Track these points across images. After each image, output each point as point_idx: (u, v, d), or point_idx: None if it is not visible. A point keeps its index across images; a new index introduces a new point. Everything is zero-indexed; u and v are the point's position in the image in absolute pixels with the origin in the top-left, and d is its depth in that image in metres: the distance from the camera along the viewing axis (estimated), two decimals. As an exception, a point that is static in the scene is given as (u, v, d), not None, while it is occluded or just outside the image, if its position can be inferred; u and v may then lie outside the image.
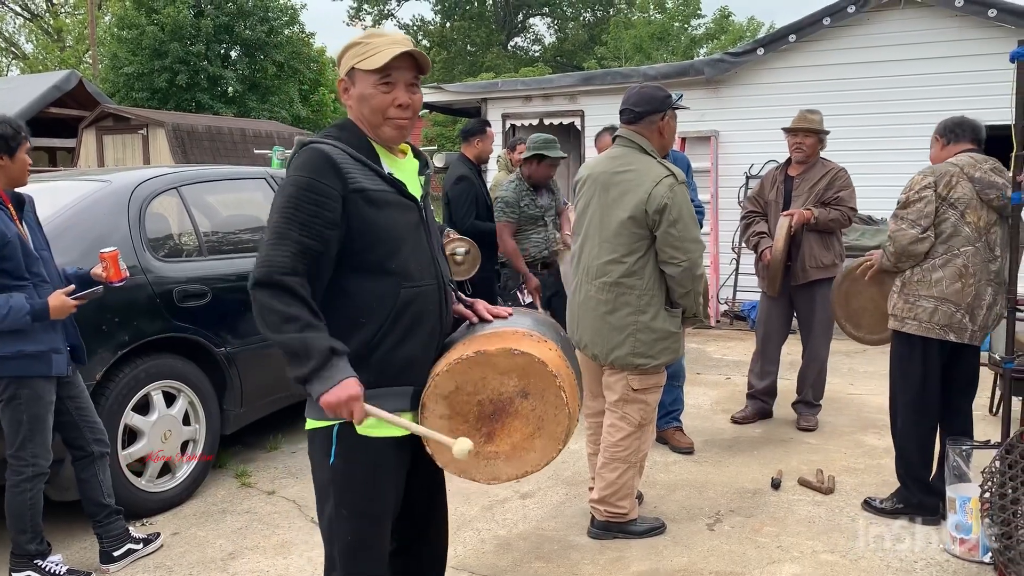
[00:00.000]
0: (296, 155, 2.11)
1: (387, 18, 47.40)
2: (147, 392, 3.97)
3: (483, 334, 2.17)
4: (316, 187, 2.02)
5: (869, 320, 4.09)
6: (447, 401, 2.06)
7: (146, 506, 3.97)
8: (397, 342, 2.10)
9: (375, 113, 2.13)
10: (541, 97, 10.30)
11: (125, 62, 22.65)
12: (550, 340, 2.18)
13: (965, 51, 8.25)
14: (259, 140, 16.90)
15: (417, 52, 2.12)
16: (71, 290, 3.24)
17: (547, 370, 2.04)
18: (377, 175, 2.12)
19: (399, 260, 2.11)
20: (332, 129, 2.19)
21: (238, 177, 5.05)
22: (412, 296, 2.12)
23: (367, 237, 2.08)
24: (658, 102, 3.47)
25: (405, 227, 2.14)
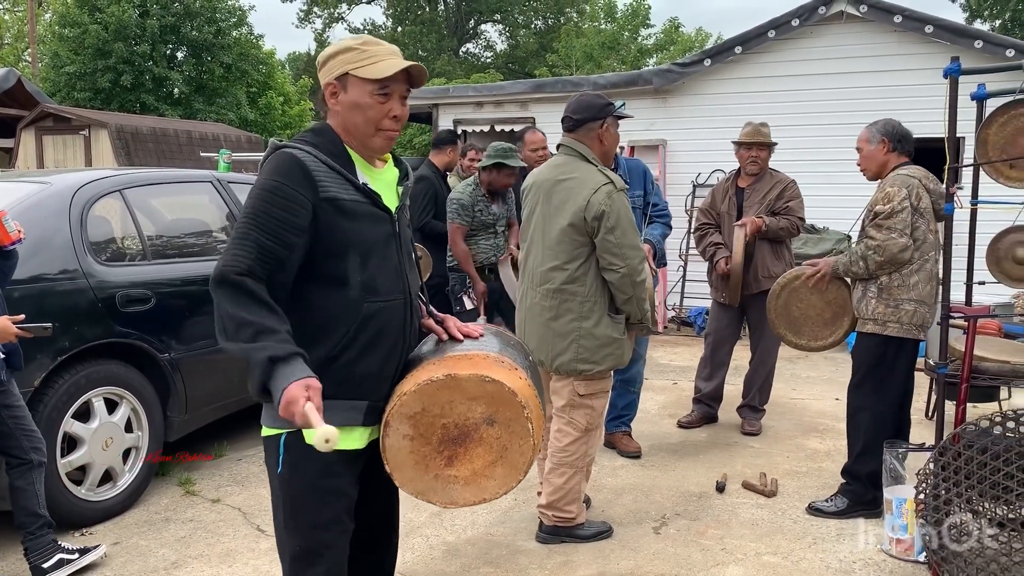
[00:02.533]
0: (268, 159, 2.07)
1: (337, 21, 47.07)
2: (88, 399, 3.88)
3: (453, 355, 2.14)
4: (285, 192, 1.98)
5: (811, 328, 4.16)
6: (411, 421, 2.02)
7: (86, 516, 3.88)
8: (356, 356, 2.06)
9: (368, 123, 2.09)
10: (492, 104, 10.34)
11: (67, 61, 22.10)
12: (520, 367, 2.16)
13: (904, 65, 8.51)
14: (206, 142, 16.65)
15: (415, 67, 2.09)
16: (20, 319, 3.16)
17: (516, 400, 2.02)
18: (351, 184, 2.07)
19: (365, 273, 2.07)
20: (308, 134, 2.14)
21: (184, 180, 4.98)
22: (375, 311, 2.09)
23: (333, 247, 2.04)
24: (596, 109, 3.51)
25: (375, 240, 2.09)
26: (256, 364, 1.86)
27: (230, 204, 4.99)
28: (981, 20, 31.98)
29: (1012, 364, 3.73)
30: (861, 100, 8.57)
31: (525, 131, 5.78)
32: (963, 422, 3.25)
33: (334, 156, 2.07)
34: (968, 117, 3.65)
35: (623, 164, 4.89)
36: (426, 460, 2.03)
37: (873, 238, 3.72)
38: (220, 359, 4.57)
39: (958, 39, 8.19)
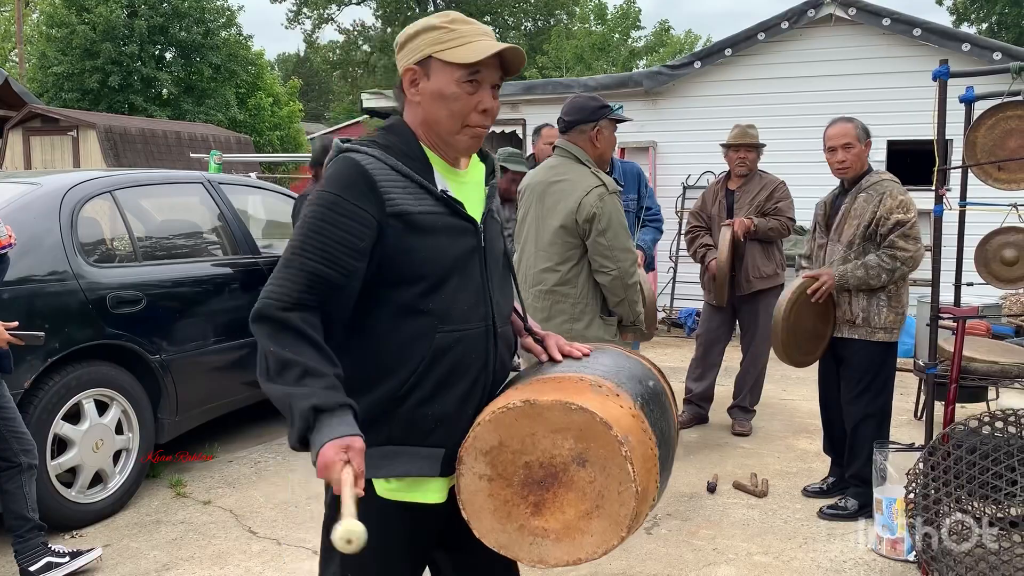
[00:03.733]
0: (329, 163, 1.78)
1: (327, 22, 46.97)
2: (78, 401, 3.87)
3: (542, 378, 1.81)
4: (344, 208, 1.68)
5: (811, 343, 4.03)
6: (488, 458, 1.69)
7: (76, 518, 3.86)
8: (428, 396, 1.75)
9: (454, 117, 1.77)
10: (482, 105, 10.34)
11: (54, 61, 22.01)
12: (625, 393, 1.76)
13: (892, 68, 8.56)
14: (195, 143, 16.62)
15: (511, 50, 1.77)
16: (14, 326, 3.16)
17: (611, 435, 1.62)
18: (427, 193, 1.76)
19: (439, 298, 1.74)
20: (379, 133, 1.82)
21: (175, 181, 4.97)
22: (451, 342, 1.76)
23: (402, 270, 1.73)
24: (589, 112, 3.51)
25: (454, 257, 1.77)
26: (298, 413, 1.59)
27: (221, 205, 4.98)
28: (968, 23, 32.22)
29: (1001, 364, 3.76)
30: (850, 102, 8.59)
31: (543, 126, 5.75)
32: (952, 422, 3.27)
33: (408, 159, 1.77)
34: (956, 119, 3.68)
35: (618, 167, 4.91)
36: (508, 506, 1.70)
37: (905, 249, 3.72)
38: (211, 360, 4.57)
39: (946, 42, 8.25)
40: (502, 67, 1.80)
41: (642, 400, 1.79)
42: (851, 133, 3.87)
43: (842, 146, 3.87)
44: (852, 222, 3.87)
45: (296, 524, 3.93)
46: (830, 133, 3.93)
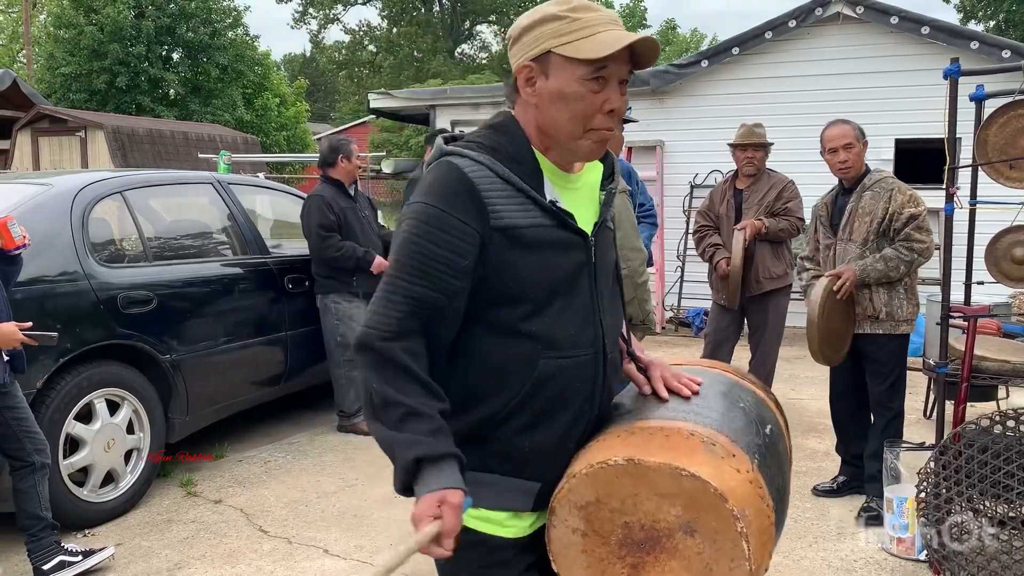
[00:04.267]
0: (430, 167, 1.60)
1: (333, 22, 47.11)
2: (90, 400, 3.89)
3: (646, 425, 1.60)
4: (446, 223, 1.50)
5: (840, 341, 3.97)
6: (583, 513, 1.55)
7: (88, 517, 3.88)
8: (526, 426, 1.58)
9: (575, 120, 1.55)
10: (490, 104, 10.34)
11: (62, 62, 22.11)
12: (741, 452, 1.56)
13: (900, 66, 8.53)
14: (202, 144, 16.66)
15: (644, 42, 1.51)
16: (28, 326, 3.18)
17: (726, 508, 1.46)
18: (534, 204, 1.56)
19: (542, 321, 1.56)
20: (486, 132, 1.61)
21: (185, 182, 4.99)
22: (555, 370, 1.57)
23: (503, 288, 1.55)
24: None
25: (562, 276, 1.58)
26: (400, 464, 1.47)
27: (231, 205, 5.00)
28: (975, 21, 32.12)
29: (1012, 363, 3.75)
30: (857, 101, 8.59)
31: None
32: (963, 421, 3.26)
33: (516, 164, 1.57)
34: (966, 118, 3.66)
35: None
36: (602, 564, 1.56)
37: (921, 241, 3.78)
38: (221, 360, 4.59)
39: (954, 40, 8.22)
40: (631, 59, 1.55)
41: (759, 458, 1.58)
42: (851, 134, 3.92)
43: (843, 146, 3.91)
44: (863, 220, 3.88)
45: (307, 523, 3.94)
46: (830, 135, 3.96)
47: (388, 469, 4.39)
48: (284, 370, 5.07)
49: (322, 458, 4.85)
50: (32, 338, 3.20)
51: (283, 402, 5.49)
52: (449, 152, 1.57)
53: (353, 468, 4.68)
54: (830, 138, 3.95)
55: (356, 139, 6.35)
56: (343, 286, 5.14)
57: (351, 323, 5.15)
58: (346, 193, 5.29)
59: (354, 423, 5.28)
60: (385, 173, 11.69)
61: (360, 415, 5.28)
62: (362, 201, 5.47)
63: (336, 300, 5.15)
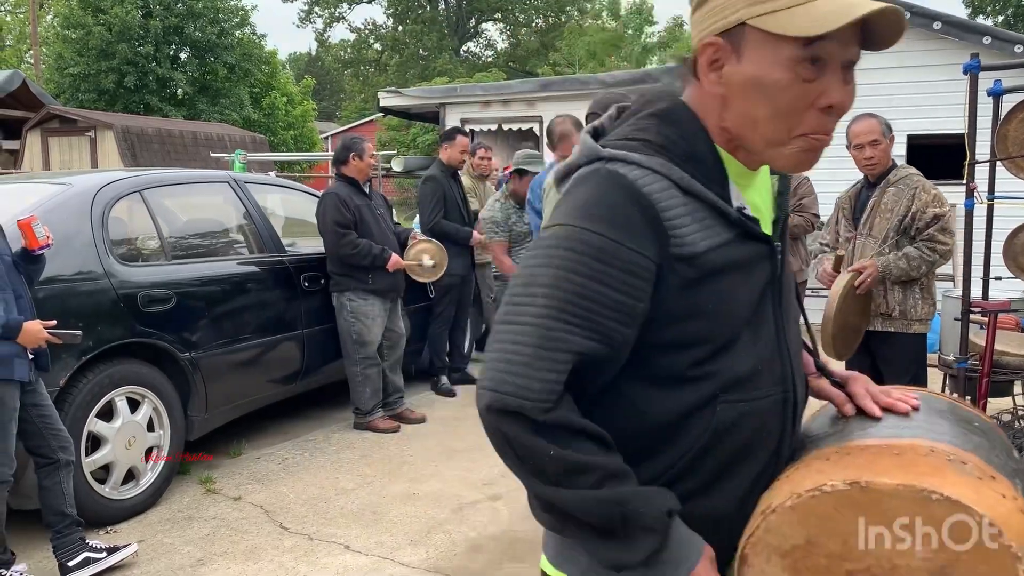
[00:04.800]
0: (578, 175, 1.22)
1: (338, 20, 47.15)
2: (111, 398, 3.91)
3: (864, 444, 1.22)
4: (617, 256, 1.13)
5: (853, 336, 3.95)
6: (788, 561, 1.14)
7: (110, 514, 3.90)
8: (699, 489, 1.22)
9: (779, 119, 1.15)
10: (500, 103, 10.36)
11: (71, 63, 22.19)
12: (1002, 475, 1.15)
13: (912, 62, 8.51)
14: (211, 143, 16.70)
15: (886, 12, 1.08)
16: (52, 325, 3.21)
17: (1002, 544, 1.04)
18: (719, 216, 1.18)
19: (726, 360, 1.20)
20: (650, 124, 1.21)
21: (201, 181, 5.01)
22: (735, 417, 1.21)
23: (678, 333, 1.18)
24: None
25: (747, 303, 1.21)
26: (644, 521, 1.12)
27: (247, 204, 5.02)
28: (983, 16, 32.01)
29: (1032, 359, 3.76)
30: (869, 96, 8.54)
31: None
32: (984, 416, 3.26)
33: (693, 163, 1.18)
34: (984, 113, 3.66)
35: None
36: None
37: (944, 243, 3.70)
38: (239, 358, 4.61)
39: (966, 35, 8.20)
40: (862, 36, 1.13)
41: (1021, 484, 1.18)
42: (877, 129, 3.82)
43: (870, 143, 3.82)
44: (884, 215, 3.81)
45: (327, 519, 3.96)
46: (856, 130, 3.87)
47: (405, 466, 4.42)
48: (301, 368, 5.08)
49: (339, 455, 4.87)
50: (56, 336, 3.23)
51: (298, 400, 5.51)
52: (608, 157, 1.18)
53: (370, 465, 4.69)
54: (856, 133, 3.86)
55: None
56: (358, 284, 5.16)
57: (366, 320, 5.17)
58: (361, 191, 5.30)
59: (369, 420, 5.29)
60: (395, 171, 11.70)
61: (376, 412, 5.31)
62: (377, 199, 5.49)
63: (351, 298, 5.16)
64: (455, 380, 6.36)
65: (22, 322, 3.11)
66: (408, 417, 5.49)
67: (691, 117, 1.21)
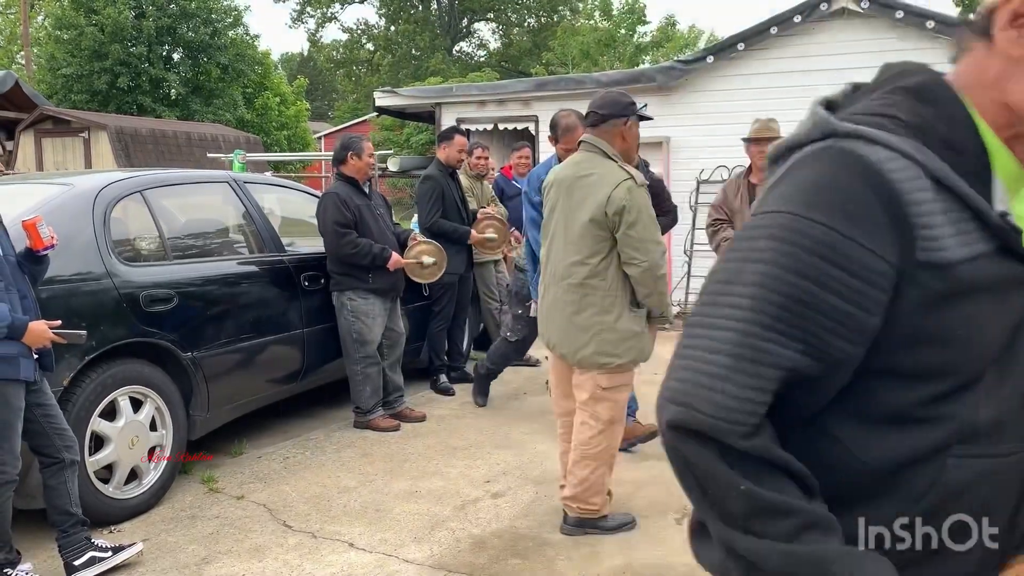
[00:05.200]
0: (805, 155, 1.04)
1: (330, 21, 47.13)
2: (114, 398, 3.92)
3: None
4: (845, 255, 0.94)
5: None
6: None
7: (113, 513, 3.91)
8: (917, 560, 1.01)
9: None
10: (495, 102, 10.38)
11: (63, 63, 22.11)
12: None
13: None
14: (205, 143, 16.68)
15: None
16: (57, 324, 3.23)
17: None
18: (976, 219, 0.96)
19: (964, 402, 0.98)
20: (903, 100, 1.00)
21: (202, 181, 5.02)
22: (970, 475, 1.00)
23: (916, 355, 0.97)
24: (621, 107, 3.58)
25: (998, 334, 0.99)
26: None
27: (247, 204, 5.03)
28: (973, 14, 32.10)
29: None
30: (863, 95, 8.63)
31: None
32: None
33: (954, 154, 0.97)
34: None
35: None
36: None
37: None
38: (240, 357, 4.62)
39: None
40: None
41: None
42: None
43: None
44: None
45: (330, 517, 3.98)
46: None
47: (406, 464, 4.45)
48: (301, 367, 5.10)
49: (340, 454, 4.89)
50: (61, 336, 3.24)
51: (298, 399, 5.53)
52: (845, 133, 0.98)
53: (371, 463, 4.71)
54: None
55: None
56: (359, 283, 5.17)
57: (366, 319, 5.18)
58: (360, 190, 5.32)
59: (369, 419, 5.31)
60: (391, 171, 11.71)
61: (376, 411, 5.32)
62: (376, 199, 5.51)
63: (352, 297, 5.18)
64: (454, 379, 6.38)
65: (27, 322, 3.12)
66: (408, 416, 5.50)
67: (953, 97, 0.99)
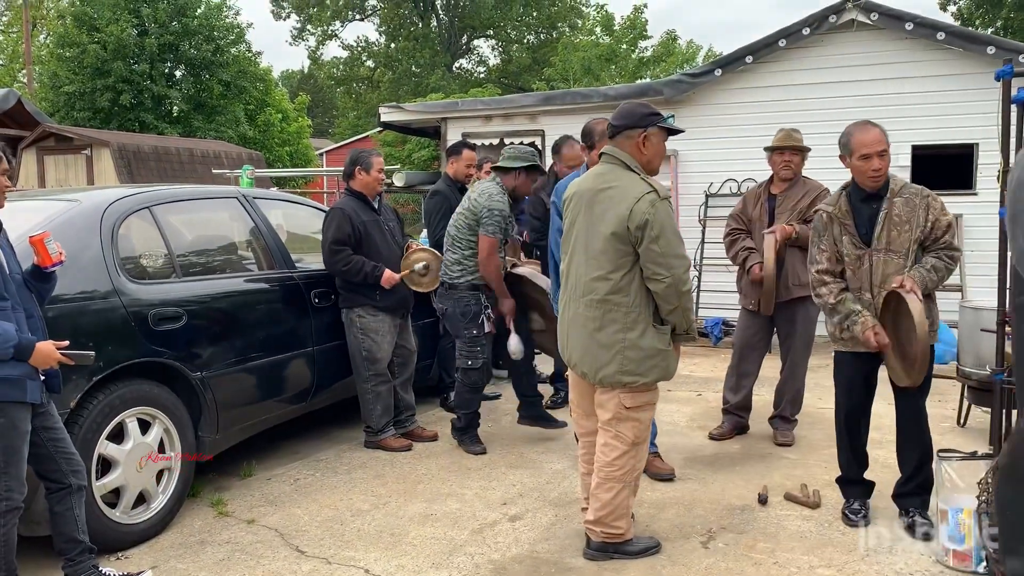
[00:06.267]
0: None
1: (331, 38, 47.23)
2: (121, 419, 3.81)
3: None
4: None
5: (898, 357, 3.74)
6: None
7: (121, 539, 3.78)
8: None
9: None
10: (501, 116, 10.32)
11: (66, 81, 22.10)
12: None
13: (915, 72, 8.50)
14: (207, 160, 16.63)
15: None
16: (65, 345, 3.12)
17: None
18: None
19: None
20: None
21: (211, 196, 4.93)
22: None
23: None
24: (637, 117, 3.47)
25: None
26: None
27: (256, 220, 4.93)
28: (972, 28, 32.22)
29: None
30: (873, 108, 8.55)
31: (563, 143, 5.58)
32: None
33: None
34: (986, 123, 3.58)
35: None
36: None
37: (958, 249, 3.64)
38: (250, 377, 4.51)
39: (969, 45, 8.19)
40: None
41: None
42: (884, 140, 3.66)
43: (878, 153, 3.62)
44: (902, 229, 3.65)
45: (344, 542, 3.85)
46: (865, 140, 3.64)
47: (420, 485, 4.34)
48: (312, 385, 4.99)
49: (351, 475, 4.77)
50: (69, 357, 3.14)
51: (306, 419, 5.41)
52: None
53: (384, 485, 4.59)
54: (865, 143, 3.62)
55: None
56: (367, 300, 5.06)
57: (376, 337, 5.07)
58: (369, 206, 5.20)
59: (381, 439, 5.19)
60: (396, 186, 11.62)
61: (387, 430, 5.20)
62: (387, 213, 5.39)
63: (361, 314, 5.06)
64: (465, 397, 6.25)
65: (34, 342, 3.01)
66: (420, 435, 5.39)
67: None
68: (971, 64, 8.21)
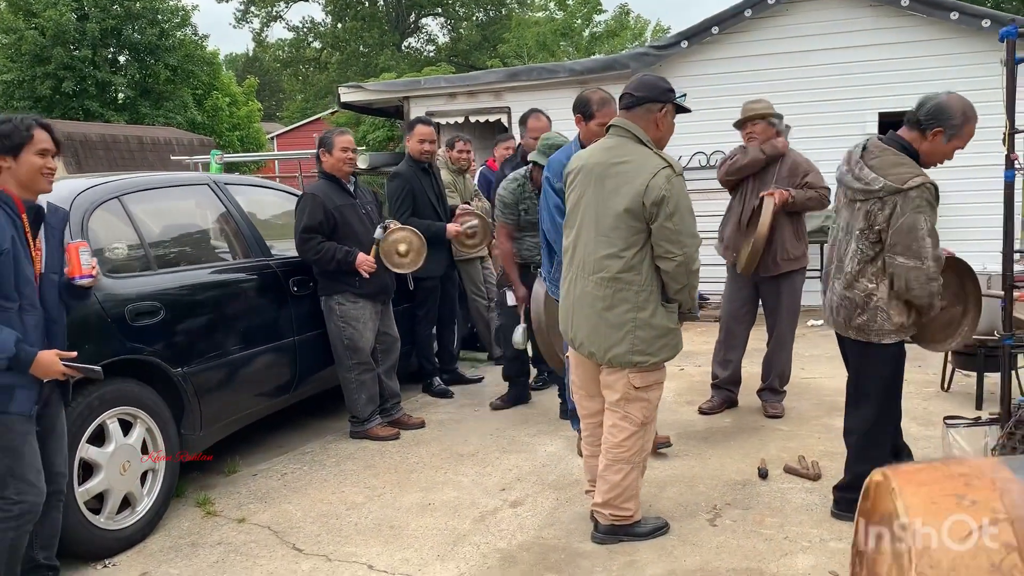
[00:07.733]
0: None
1: (276, 19, 46.22)
2: (102, 421, 3.62)
3: None
4: None
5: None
6: None
7: (107, 545, 3.60)
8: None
9: None
10: (466, 94, 10.13)
11: (3, 69, 21.27)
12: None
13: (881, 39, 8.52)
14: (158, 147, 16.15)
15: None
16: (72, 356, 2.93)
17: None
18: None
19: None
20: None
21: (182, 184, 4.70)
22: None
23: None
24: (659, 91, 3.36)
25: None
26: None
27: (229, 206, 4.73)
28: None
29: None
30: (839, 76, 8.57)
31: (529, 115, 5.49)
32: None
33: None
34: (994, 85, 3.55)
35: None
36: None
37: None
38: (232, 370, 4.34)
39: (933, 12, 8.21)
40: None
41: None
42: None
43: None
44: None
45: (342, 538, 3.72)
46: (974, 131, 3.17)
47: (413, 475, 4.20)
48: (294, 376, 4.82)
49: (341, 467, 4.63)
50: (75, 370, 2.95)
51: (288, 410, 5.24)
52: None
53: (376, 476, 4.46)
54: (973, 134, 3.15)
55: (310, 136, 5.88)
56: (346, 286, 4.89)
57: (357, 324, 4.91)
58: (344, 189, 5.01)
59: (367, 428, 5.05)
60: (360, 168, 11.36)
61: (373, 419, 5.07)
62: (364, 196, 5.21)
63: (340, 301, 4.90)
64: (447, 381, 6.15)
65: (33, 354, 2.81)
66: (407, 423, 5.26)
67: None
68: (935, 30, 8.25)
